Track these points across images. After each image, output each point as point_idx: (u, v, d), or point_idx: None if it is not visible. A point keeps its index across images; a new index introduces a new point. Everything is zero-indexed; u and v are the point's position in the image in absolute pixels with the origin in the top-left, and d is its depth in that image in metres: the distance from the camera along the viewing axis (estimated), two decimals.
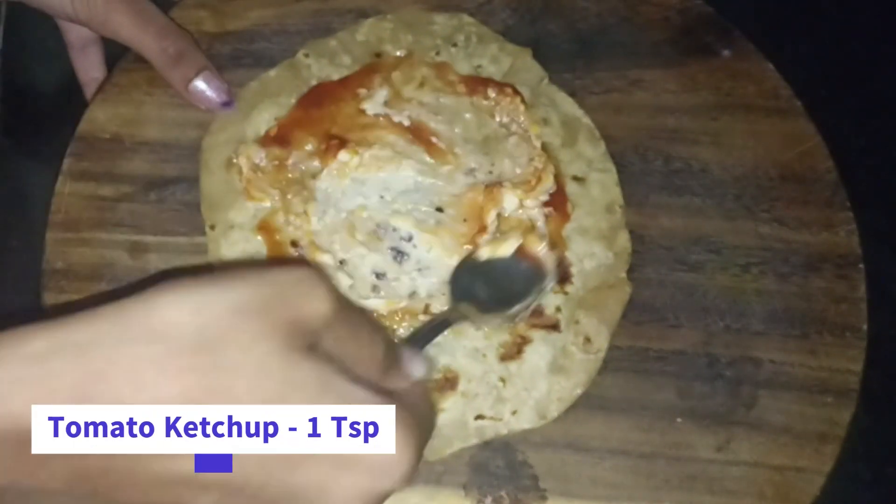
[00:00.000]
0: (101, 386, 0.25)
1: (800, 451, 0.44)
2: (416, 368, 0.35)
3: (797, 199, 0.49)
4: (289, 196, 0.46)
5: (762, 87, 0.51)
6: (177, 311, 0.26)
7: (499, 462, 0.44)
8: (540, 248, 0.45)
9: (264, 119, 0.49)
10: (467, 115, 0.48)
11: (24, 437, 0.25)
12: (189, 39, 0.49)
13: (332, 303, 0.28)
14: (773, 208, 0.49)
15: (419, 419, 0.31)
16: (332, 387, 0.28)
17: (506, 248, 0.45)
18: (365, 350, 0.31)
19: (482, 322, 0.44)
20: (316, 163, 0.47)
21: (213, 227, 0.47)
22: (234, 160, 0.47)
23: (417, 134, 0.48)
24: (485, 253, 0.45)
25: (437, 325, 0.42)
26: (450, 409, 0.44)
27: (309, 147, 0.47)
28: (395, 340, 0.38)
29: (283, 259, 0.46)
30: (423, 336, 0.41)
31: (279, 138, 0.48)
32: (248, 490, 0.27)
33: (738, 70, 0.51)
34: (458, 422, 0.44)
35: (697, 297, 0.47)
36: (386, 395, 0.29)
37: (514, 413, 0.44)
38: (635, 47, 0.52)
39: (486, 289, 0.44)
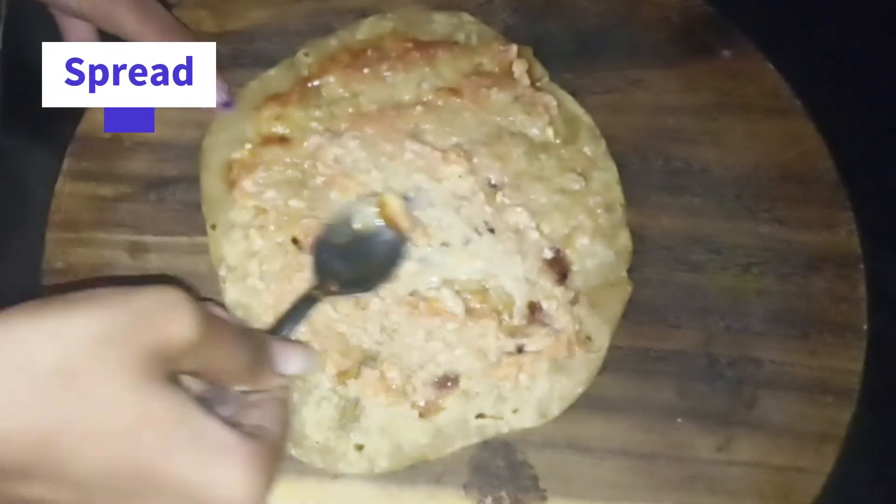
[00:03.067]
0: None
1: (800, 451, 0.44)
2: (289, 364, 0.36)
3: (797, 199, 0.49)
4: (290, 202, 0.46)
5: (762, 87, 0.51)
6: (36, 338, 0.26)
7: (499, 462, 0.44)
8: (401, 210, 0.45)
9: (264, 118, 0.48)
10: (466, 114, 0.48)
11: None
12: (192, 38, 0.48)
13: (196, 326, 0.28)
14: (773, 208, 0.49)
15: (275, 447, 0.31)
16: (187, 422, 0.28)
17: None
18: (231, 361, 0.31)
19: (346, 295, 0.44)
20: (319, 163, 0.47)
21: (214, 227, 0.47)
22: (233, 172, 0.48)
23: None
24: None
25: (300, 306, 0.42)
26: (451, 408, 0.44)
27: (307, 144, 0.47)
28: (264, 336, 0.39)
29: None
30: (290, 319, 0.42)
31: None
32: None
33: (738, 70, 0.51)
34: (459, 420, 0.44)
35: (698, 297, 0.47)
36: (242, 430, 0.30)
37: (515, 412, 0.44)
38: (635, 47, 0.52)
39: (349, 263, 0.44)
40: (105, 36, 0.48)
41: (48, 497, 0.27)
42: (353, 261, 0.45)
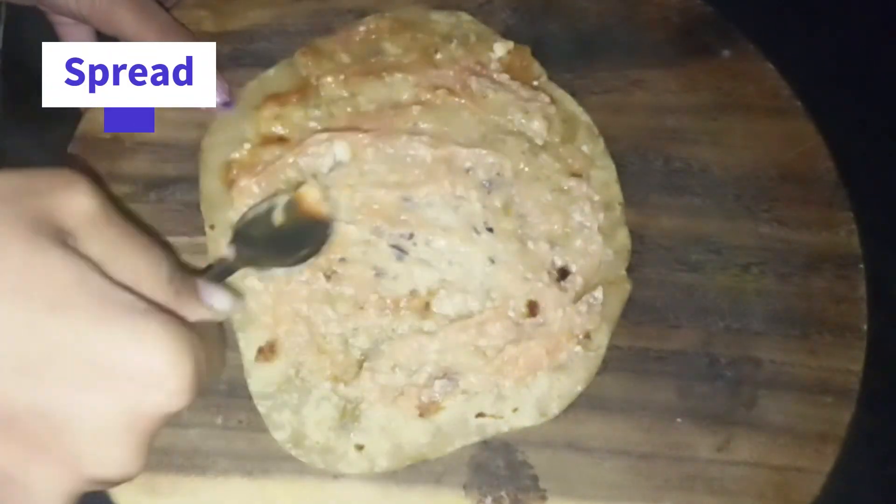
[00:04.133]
0: None
1: (800, 451, 0.44)
2: (217, 300, 0.33)
3: (797, 199, 0.49)
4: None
5: (762, 87, 0.51)
6: None
7: (499, 462, 0.44)
8: (318, 201, 0.44)
9: (264, 118, 0.49)
10: (464, 114, 0.48)
11: None
12: (191, 38, 0.49)
13: (92, 200, 0.27)
14: (773, 208, 0.49)
15: (202, 344, 0.28)
16: (85, 281, 0.25)
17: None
18: (142, 263, 0.28)
19: (265, 270, 0.43)
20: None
21: (213, 227, 0.47)
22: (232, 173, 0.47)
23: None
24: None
25: (222, 272, 0.40)
26: (450, 408, 0.44)
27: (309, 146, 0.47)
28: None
29: None
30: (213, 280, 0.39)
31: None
32: None
33: (738, 70, 0.51)
34: (459, 420, 0.44)
35: (697, 297, 0.47)
36: (162, 310, 0.27)
37: (514, 410, 0.44)
38: (635, 47, 0.52)
39: (272, 252, 0.42)
40: (102, 38, 0.48)
41: None
42: (278, 249, 0.43)
